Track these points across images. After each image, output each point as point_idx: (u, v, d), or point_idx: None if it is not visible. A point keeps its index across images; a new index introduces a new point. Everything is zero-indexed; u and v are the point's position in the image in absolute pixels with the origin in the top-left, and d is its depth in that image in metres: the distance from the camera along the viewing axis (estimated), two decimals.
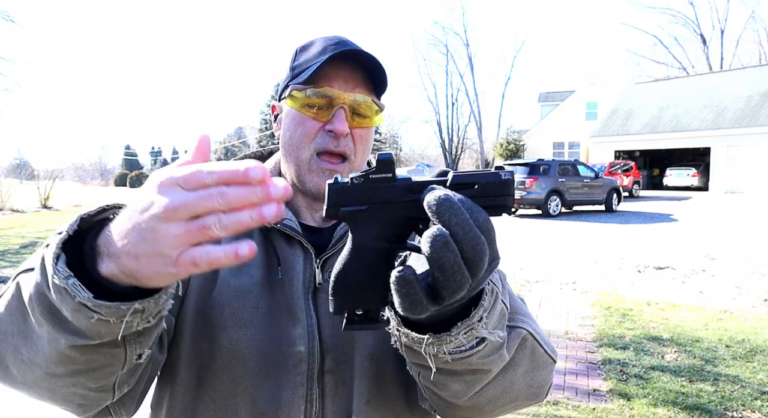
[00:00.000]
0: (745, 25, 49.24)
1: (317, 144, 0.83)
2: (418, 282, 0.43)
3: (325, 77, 0.82)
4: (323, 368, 0.80)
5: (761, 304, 5.99)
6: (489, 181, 0.46)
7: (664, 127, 27.10)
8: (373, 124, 0.86)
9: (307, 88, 0.82)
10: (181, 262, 0.44)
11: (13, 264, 8.91)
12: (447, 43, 47.53)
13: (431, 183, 0.46)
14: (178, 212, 0.43)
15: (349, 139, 0.84)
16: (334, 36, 0.87)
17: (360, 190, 0.46)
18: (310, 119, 0.83)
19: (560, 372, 4.08)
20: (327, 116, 0.82)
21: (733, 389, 3.72)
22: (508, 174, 0.47)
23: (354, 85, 0.83)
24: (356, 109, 0.83)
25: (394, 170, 0.46)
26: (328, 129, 0.82)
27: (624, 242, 10.69)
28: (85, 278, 0.50)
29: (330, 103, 0.82)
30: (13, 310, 0.59)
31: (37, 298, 0.53)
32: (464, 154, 54.62)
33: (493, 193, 0.46)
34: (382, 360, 0.83)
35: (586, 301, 6.23)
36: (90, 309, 0.48)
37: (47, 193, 22.64)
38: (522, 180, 15.22)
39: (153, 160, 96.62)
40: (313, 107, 0.83)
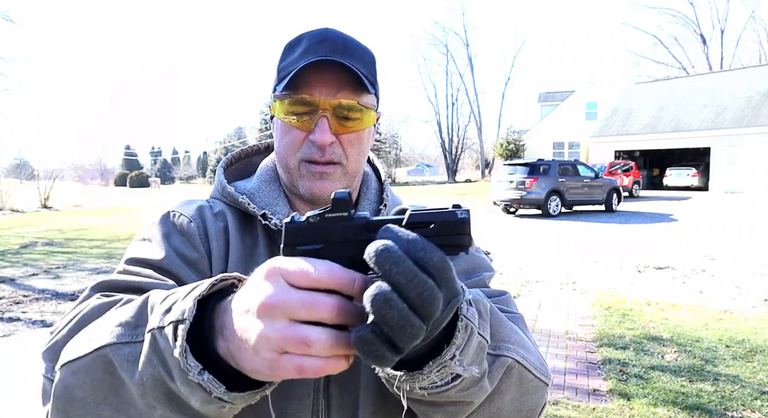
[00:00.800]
0: (745, 25, 49.23)
1: (303, 153, 0.81)
2: (378, 338, 0.41)
3: (306, 83, 0.78)
4: (329, 379, 0.79)
5: (761, 304, 5.99)
6: (445, 221, 0.46)
7: (664, 127, 27.10)
8: (363, 126, 0.82)
9: (288, 96, 0.79)
10: (282, 366, 0.42)
11: (13, 264, 8.91)
12: (447, 43, 47.58)
13: (387, 222, 0.46)
14: (272, 310, 0.42)
15: (337, 146, 0.81)
16: (319, 31, 0.82)
17: (316, 229, 0.46)
18: (294, 129, 0.81)
19: (560, 372, 4.08)
20: (310, 125, 0.80)
21: (733, 389, 3.71)
22: (464, 213, 0.46)
23: (338, 88, 0.79)
24: (342, 114, 0.80)
25: (350, 209, 0.46)
26: (311, 139, 0.80)
27: (624, 242, 10.69)
28: (199, 358, 0.48)
29: (312, 111, 0.79)
30: (97, 381, 0.54)
31: (153, 384, 0.50)
32: (464, 154, 54.57)
33: (449, 232, 0.46)
34: None
35: (586, 301, 6.23)
36: (224, 401, 0.48)
37: (47, 193, 22.66)
38: (522, 180, 15.22)
39: (153, 161, 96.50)
40: (296, 115, 0.80)
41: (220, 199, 0.89)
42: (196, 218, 0.84)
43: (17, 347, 4.72)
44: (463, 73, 47.49)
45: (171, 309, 0.50)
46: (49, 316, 5.73)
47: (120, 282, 0.72)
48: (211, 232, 0.83)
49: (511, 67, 64.36)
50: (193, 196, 1.00)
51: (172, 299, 0.51)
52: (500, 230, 12.81)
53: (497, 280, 7.32)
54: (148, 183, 62.65)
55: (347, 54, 0.80)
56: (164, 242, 0.79)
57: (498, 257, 9.15)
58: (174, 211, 0.86)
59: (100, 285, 0.72)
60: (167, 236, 0.81)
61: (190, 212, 0.85)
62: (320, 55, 0.78)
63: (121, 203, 27.76)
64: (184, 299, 0.50)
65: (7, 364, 4.34)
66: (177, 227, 0.82)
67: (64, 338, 0.61)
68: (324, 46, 0.79)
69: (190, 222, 0.83)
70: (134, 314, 0.55)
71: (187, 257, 0.79)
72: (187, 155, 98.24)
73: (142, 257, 0.77)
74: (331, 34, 0.81)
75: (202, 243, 0.81)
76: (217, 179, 0.91)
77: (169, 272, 0.76)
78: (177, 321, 0.48)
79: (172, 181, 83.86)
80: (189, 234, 0.81)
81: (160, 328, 0.49)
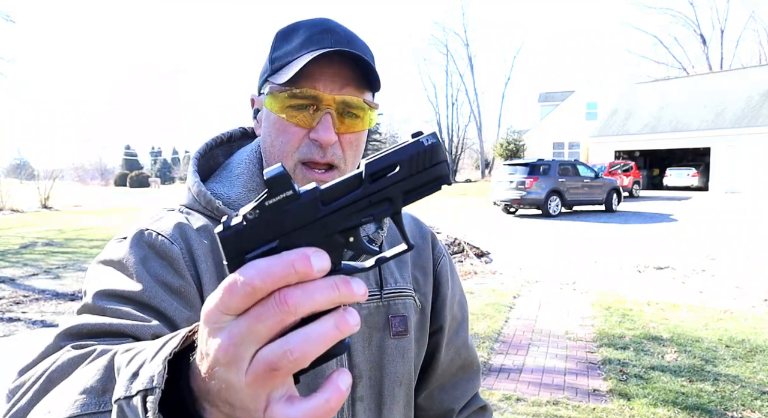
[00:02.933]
0: (745, 25, 49.30)
1: (301, 154, 0.74)
2: None
3: (308, 76, 0.71)
4: (354, 396, 0.77)
5: (761, 304, 5.98)
6: (412, 156, 0.37)
7: (664, 127, 27.09)
8: (364, 126, 0.76)
9: (288, 89, 0.71)
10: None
11: (13, 264, 8.91)
12: (447, 43, 47.60)
13: (342, 184, 0.37)
14: (230, 357, 0.33)
15: (337, 146, 0.74)
16: (318, 20, 0.76)
17: (260, 225, 0.36)
18: (293, 126, 0.73)
19: (560, 372, 4.08)
20: (311, 122, 0.72)
21: (733, 389, 3.71)
22: (431, 137, 0.37)
23: (342, 83, 0.72)
24: (346, 111, 0.73)
25: (292, 184, 0.36)
26: (313, 138, 0.72)
27: (624, 242, 10.69)
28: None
29: (315, 107, 0.72)
30: None
31: None
32: (464, 154, 54.60)
33: (422, 167, 0.37)
34: (408, 385, 0.83)
35: (586, 301, 6.23)
36: None
37: (47, 193, 22.66)
38: (522, 180, 15.22)
39: (153, 161, 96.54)
40: (296, 111, 0.72)
41: (201, 211, 0.78)
42: (177, 239, 0.72)
43: (17, 347, 4.72)
44: (463, 73, 47.54)
45: (138, 374, 0.41)
46: (49, 316, 5.73)
47: (93, 325, 0.60)
48: (198, 253, 0.72)
49: (511, 67, 64.45)
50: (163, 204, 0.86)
51: (139, 360, 0.42)
52: (500, 230, 12.81)
53: (497, 281, 7.32)
54: (148, 183, 62.62)
55: (352, 47, 0.74)
56: (140, 268, 0.67)
57: (498, 257, 9.15)
58: (149, 229, 0.72)
59: (69, 332, 0.60)
60: (143, 261, 0.68)
61: (168, 230, 0.72)
62: (326, 47, 0.71)
63: (121, 203, 27.75)
64: (152, 359, 0.40)
65: (7, 364, 4.34)
66: (155, 249, 0.70)
67: (29, 403, 0.52)
68: (327, 37, 0.73)
69: (171, 243, 0.71)
70: (100, 378, 0.47)
71: (170, 286, 0.67)
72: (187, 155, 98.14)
73: (115, 289, 0.65)
74: (333, 25, 0.75)
75: (188, 268, 0.70)
76: (195, 186, 0.79)
77: (149, 307, 0.64)
78: (145, 390, 0.39)
79: (172, 181, 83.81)
80: (171, 258, 0.70)
81: (127, 398, 0.40)
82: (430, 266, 0.92)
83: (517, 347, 4.65)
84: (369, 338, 0.80)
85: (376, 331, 0.81)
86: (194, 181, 0.79)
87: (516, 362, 4.31)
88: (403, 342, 0.83)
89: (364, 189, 0.37)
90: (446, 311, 0.93)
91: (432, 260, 0.93)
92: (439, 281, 0.93)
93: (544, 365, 4.24)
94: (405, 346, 0.83)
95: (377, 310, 0.81)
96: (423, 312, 0.89)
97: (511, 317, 5.59)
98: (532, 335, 4.98)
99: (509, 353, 4.51)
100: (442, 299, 0.92)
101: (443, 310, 0.92)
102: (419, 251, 0.92)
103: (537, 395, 3.66)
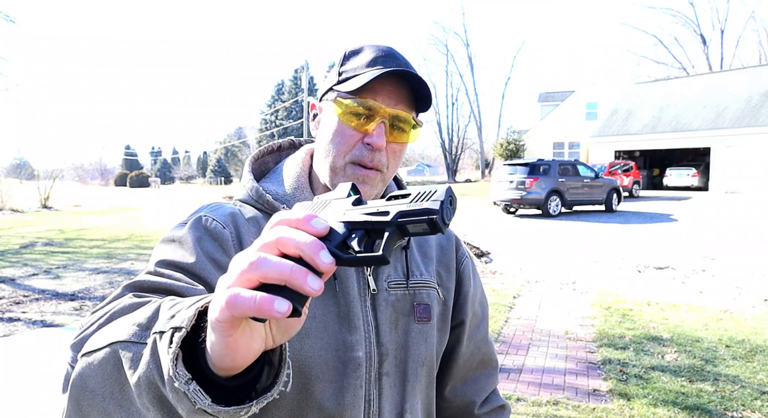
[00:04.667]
0: (745, 25, 49.30)
1: (353, 155, 0.84)
2: None
3: (370, 89, 0.82)
4: (381, 371, 0.86)
5: (761, 304, 5.98)
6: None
7: (664, 127, 27.09)
8: (409, 139, 0.87)
9: (353, 97, 0.83)
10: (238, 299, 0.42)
11: (13, 264, 8.91)
12: (447, 43, 47.59)
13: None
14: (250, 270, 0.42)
15: (383, 153, 0.85)
16: (384, 46, 0.88)
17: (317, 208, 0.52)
18: (351, 129, 0.84)
19: (560, 372, 4.08)
20: (367, 128, 0.84)
21: (733, 389, 3.71)
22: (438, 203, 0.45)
23: (397, 100, 0.84)
24: (396, 124, 0.84)
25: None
26: (367, 142, 0.83)
27: (624, 242, 10.69)
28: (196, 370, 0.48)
29: (372, 116, 0.83)
30: (107, 374, 0.57)
31: (147, 386, 0.51)
32: (464, 154, 54.57)
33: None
34: (430, 367, 0.94)
35: (586, 301, 6.23)
36: (208, 413, 0.47)
37: (47, 193, 22.65)
38: (522, 180, 15.21)
39: (153, 161, 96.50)
40: (356, 117, 0.83)
41: (253, 204, 0.90)
42: (229, 224, 0.84)
43: (17, 347, 4.72)
44: (463, 73, 47.54)
45: (174, 316, 0.50)
46: (49, 316, 5.73)
47: (152, 283, 0.73)
48: (245, 238, 0.83)
49: (511, 67, 64.35)
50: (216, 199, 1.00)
51: (179, 307, 0.52)
52: (500, 230, 12.81)
53: (497, 281, 7.32)
54: (148, 183, 62.65)
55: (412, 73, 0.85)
56: (196, 245, 0.79)
57: (498, 256, 9.15)
58: (206, 215, 0.85)
59: (132, 285, 0.73)
60: (199, 240, 0.80)
61: (223, 217, 0.85)
62: (391, 67, 0.83)
63: (121, 203, 27.75)
64: (188, 308, 0.50)
65: (7, 364, 4.34)
66: (209, 232, 0.82)
67: (93, 332, 0.63)
68: (391, 59, 0.85)
69: (223, 228, 0.83)
70: (149, 316, 0.56)
71: (218, 262, 0.79)
72: (187, 155, 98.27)
73: (173, 260, 0.77)
74: (396, 52, 0.88)
75: (235, 249, 0.82)
76: (249, 183, 0.92)
77: (199, 277, 0.76)
78: (175, 328, 0.48)
79: (172, 181, 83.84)
80: (222, 239, 0.82)
81: (161, 332, 0.50)
82: (454, 265, 1.03)
83: (517, 347, 4.65)
84: (396, 322, 0.90)
85: (402, 316, 0.91)
86: (249, 179, 0.92)
87: (516, 362, 4.31)
88: (426, 327, 0.93)
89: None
90: (468, 307, 1.03)
91: (456, 259, 1.04)
92: (461, 279, 1.04)
93: (544, 365, 4.24)
94: (428, 331, 0.93)
95: (404, 297, 0.91)
96: (445, 304, 0.99)
97: (511, 317, 5.60)
98: (532, 335, 4.98)
99: (509, 353, 4.51)
100: (464, 296, 1.03)
101: (465, 306, 1.03)
102: (444, 251, 1.03)
103: (537, 395, 3.66)
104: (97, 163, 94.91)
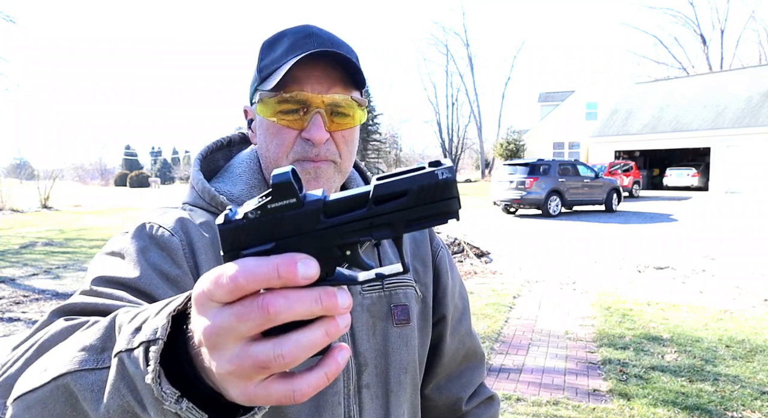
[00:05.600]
0: (745, 25, 49.31)
1: (296, 152, 0.77)
2: None
3: (295, 80, 0.74)
4: (360, 384, 0.80)
5: (761, 304, 5.98)
6: (422, 186, 0.36)
7: (664, 127, 27.09)
8: (355, 123, 0.79)
9: (277, 94, 0.74)
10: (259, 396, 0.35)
11: (13, 264, 8.91)
12: (447, 43, 47.63)
13: (348, 200, 0.37)
14: (215, 340, 0.35)
15: (331, 143, 0.77)
16: (302, 27, 0.78)
17: (260, 225, 0.36)
18: (285, 128, 0.76)
19: (560, 372, 4.08)
20: (302, 123, 0.75)
21: (733, 389, 3.71)
22: (446, 172, 0.36)
23: (330, 84, 0.75)
24: (335, 111, 0.76)
25: (297, 193, 0.36)
26: (305, 137, 0.76)
27: (624, 242, 10.69)
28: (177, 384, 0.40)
29: (305, 109, 0.75)
30: (56, 415, 0.47)
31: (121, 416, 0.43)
32: (464, 154, 54.62)
33: (431, 200, 0.36)
34: (414, 373, 0.87)
35: (586, 301, 6.23)
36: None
37: (47, 193, 22.65)
38: (522, 180, 15.22)
39: (153, 161, 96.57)
40: (287, 114, 0.75)
41: (205, 207, 0.81)
42: (178, 231, 0.75)
43: None
44: (463, 73, 47.58)
45: (141, 328, 0.42)
46: None
47: (86, 305, 0.62)
48: (197, 245, 0.75)
49: (511, 67, 64.39)
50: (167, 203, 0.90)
51: (142, 317, 0.44)
52: (500, 230, 12.81)
53: (497, 281, 7.32)
54: (148, 183, 62.61)
55: (336, 48, 0.77)
56: (140, 257, 0.70)
57: (498, 256, 9.15)
58: (151, 222, 0.76)
59: (62, 309, 0.63)
60: (143, 250, 0.71)
61: (170, 223, 0.76)
62: (310, 50, 0.74)
63: (121, 203, 27.76)
64: (156, 315, 0.42)
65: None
66: (155, 241, 0.73)
67: (19, 370, 0.52)
68: (311, 41, 0.76)
69: (171, 235, 0.74)
70: (100, 336, 0.47)
71: (167, 274, 0.70)
72: (187, 155, 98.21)
73: (112, 276, 0.67)
74: (316, 30, 0.78)
75: (186, 259, 0.73)
76: (198, 183, 0.83)
77: (145, 293, 0.67)
78: (148, 341, 0.40)
79: (172, 181, 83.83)
80: (170, 249, 0.73)
81: (128, 350, 0.42)
82: (429, 258, 0.96)
83: (517, 347, 4.65)
84: (373, 327, 0.83)
85: (380, 320, 0.84)
86: (198, 179, 0.83)
87: (516, 362, 4.31)
88: (406, 331, 0.86)
89: (369, 210, 0.36)
90: (448, 301, 0.97)
91: (431, 252, 0.97)
92: (439, 272, 0.97)
93: (544, 365, 4.24)
94: (408, 334, 0.86)
95: (379, 299, 0.84)
96: (424, 302, 0.92)
97: (511, 317, 5.60)
98: (532, 335, 4.98)
99: (509, 353, 4.51)
100: (443, 289, 0.96)
101: (444, 300, 0.96)
102: (418, 244, 0.96)
103: (537, 395, 3.66)
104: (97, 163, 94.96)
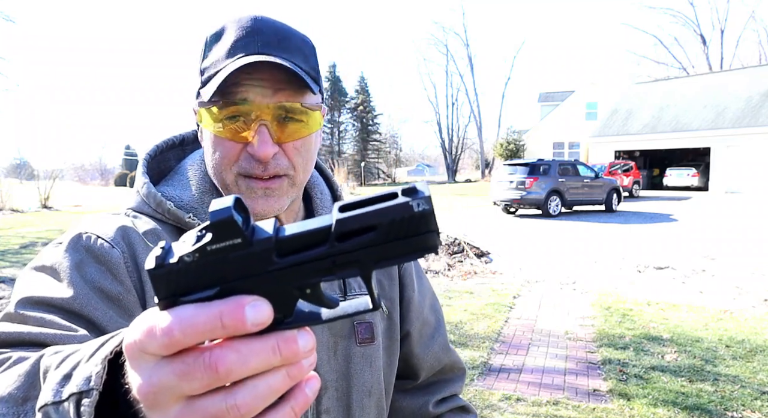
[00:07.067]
0: (745, 25, 49.30)
1: (241, 168, 0.67)
2: None
3: (236, 84, 0.64)
4: (319, 409, 0.73)
5: (761, 304, 5.98)
6: (395, 219, 0.30)
7: (664, 127, 27.10)
8: (309, 130, 0.69)
9: (216, 102, 0.64)
10: None
11: (13, 264, 8.91)
12: (447, 43, 47.64)
13: (305, 235, 0.31)
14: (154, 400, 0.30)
15: (281, 156, 0.67)
16: (246, 20, 0.68)
17: (199, 269, 0.30)
18: (227, 141, 0.67)
19: (560, 372, 4.08)
20: (247, 136, 0.66)
21: (733, 389, 3.71)
22: (423, 202, 0.30)
23: (275, 88, 0.65)
24: (285, 117, 0.67)
25: (242, 231, 0.30)
26: (250, 153, 0.66)
27: (624, 242, 10.68)
28: None
29: (248, 118, 0.65)
30: None
31: None
32: (464, 154, 54.64)
33: (404, 235, 0.30)
34: (378, 396, 0.80)
35: (586, 301, 6.23)
36: None
37: (47, 193, 22.65)
38: (522, 180, 15.22)
39: None
40: (229, 122, 0.66)
41: (151, 214, 0.72)
42: (119, 242, 0.66)
43: None
44: (463, 73, 47.60)
45: (71, 375, 0.36)
46: None
47: (9, 335, 0.54)
48: (141, 258, 0.66)
49: (511, 67, 64.44)
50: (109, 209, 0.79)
51: (73, 360, 0.37)
52: (500, 230, 12.81)
53: (497, 281, 7.32)
54: None
55: (283, 47, 0.67)
56: (74, 273, 0.61)
57: (498, 256, 9.15)
58: (88, 232, 0.67)
59: None
60: (78, 265, 0.62)
61: (110, 233, 0.67)
62: (251, 52, 0.65)
63: (121, 203, 27.67)
64: (89, 359, 0.36)
65: None
66: (93, 253, 0.64)
67: None
68: (255, 39, 0.66)
69: (111, 247, 0.65)
70: (22, 384, 0.42)
71: (106, 292, 0.62)
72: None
73: (42, 296, 0.58)
74: (262, 24, 0.68)
75: (129, 273, 0.65)
76: (144, 187, 0.73)
77: (81, 316, 0.58)
78: (80, 392, 0.34)
79: None
80: (110, 263, 0.64)
81: (55, 403, 0.36)
82: (395, 270, 0.88)
83: (517, 347, 4.65)
84: (334, 347, 0.76)
85: (342, 339, 0.77)
86: (143, 183, 0.74)
87: (516, 362, 4.31)
88: (370, 350, 0.79)
89: (330, 248, 0.31)
90: (412, 316, 0.88)
91: None
92: (403, 283, 0.89)
93: (544, 365, 4.24)
94: (372, 354, 0.79)
95: None
96: (390, 318, 0.85)
97: (511, 317, 5.59)
98: (532, 335, 4.98)
99: (509, 353, 4.51)
100: (407, 302, 0.88)
101: (409, 315, 0.88)
102: None
103: (537, 395, 3.66)
104: (97, 163, 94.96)
